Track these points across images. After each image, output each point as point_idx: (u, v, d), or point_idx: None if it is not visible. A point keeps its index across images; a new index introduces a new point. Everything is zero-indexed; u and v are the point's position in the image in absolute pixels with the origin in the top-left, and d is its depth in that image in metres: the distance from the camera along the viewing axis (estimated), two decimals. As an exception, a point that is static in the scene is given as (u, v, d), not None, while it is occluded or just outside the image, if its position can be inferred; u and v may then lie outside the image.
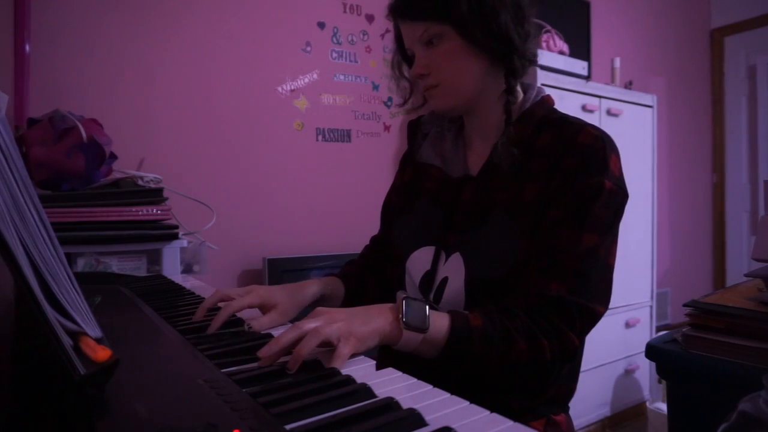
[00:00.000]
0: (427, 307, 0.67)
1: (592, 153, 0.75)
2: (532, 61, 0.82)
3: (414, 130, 0.99)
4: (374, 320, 0.64)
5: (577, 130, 0.77)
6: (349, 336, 0.60)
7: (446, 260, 0.82)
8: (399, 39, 0.86)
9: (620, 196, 0.76)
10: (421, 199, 0.91)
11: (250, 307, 0.78)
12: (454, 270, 0.81)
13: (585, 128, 0.77)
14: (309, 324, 0.59)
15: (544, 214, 0.75)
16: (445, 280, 0.82)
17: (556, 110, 0.85)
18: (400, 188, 0.99)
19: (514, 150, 0.78)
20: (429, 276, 0.84)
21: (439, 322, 0.67)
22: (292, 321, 0.75)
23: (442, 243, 0.84)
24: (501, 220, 0.78)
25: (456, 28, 0.77)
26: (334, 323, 0.60)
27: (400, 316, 0.65)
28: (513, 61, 0.79)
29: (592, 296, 0.72)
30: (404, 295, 0.72)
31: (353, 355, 0.61)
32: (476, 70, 0.80)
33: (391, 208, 1.01)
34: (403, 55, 0.89)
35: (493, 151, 0.82)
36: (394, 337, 0.65)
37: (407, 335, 0.65)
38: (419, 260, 0.86)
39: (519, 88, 0.85)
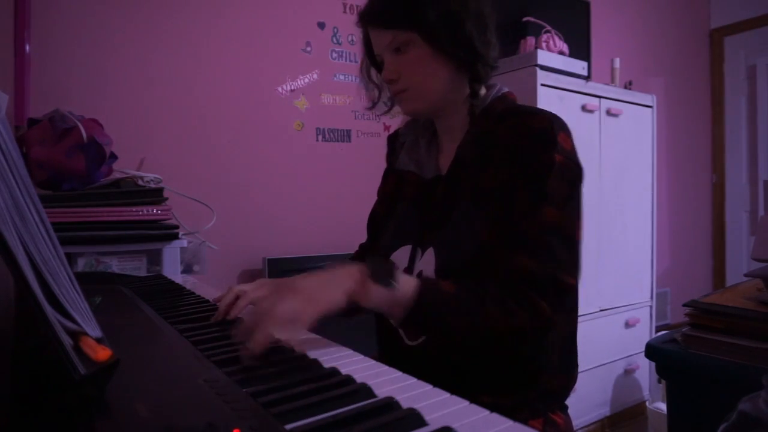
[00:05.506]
0: (395, 266, 0.69)
1: (539, 133, 0.78)
2: (495, 67, 0.86)
3: (393, 143, 1.04)
4: (338, 279, 0.66)
5: (527, 117, 0.80)
6: (310, 301, 0.62)
7: (422, 256, 0.85)
8: (368, 45, 0.90)
9: (573, 169, 0.78)
10: (401, 204, 0.95)
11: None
12: (427, 263, 0.84)
13: (534, 113, 0.80)
14: (265, 304, 0.62)
15: (506, 198, 0.78)
16: (419, 273, 0.85)
17: (516, 105, 0.88)
18: (383, 199, 1.03)
19: (476, 148, 0.82)
20: (406, 272, 0.86)
21: (408, 282, 0.69)
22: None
23: (419, 241, 0.87)
24: (465, 209, 0.81)
25: (423, 36, 0.80)
26: (291, 296, 0.62)
27: (367, 271, 0.67)
28: (477, 67, 0.83)
29: (559, 267, 0.73)
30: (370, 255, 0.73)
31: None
32: (443, 76, 0.83)
33: (376, 217, 1.05)
34: (372, 61, 0.93)
35: (458, 150, 0.85)
36: (361, 294, 0.66)
37: (375, 291, 0.66)
38: (398, 260, 0.89)
39: (483, 90, 0.88)
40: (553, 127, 0.78)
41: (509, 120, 0.82)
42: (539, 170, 0.76)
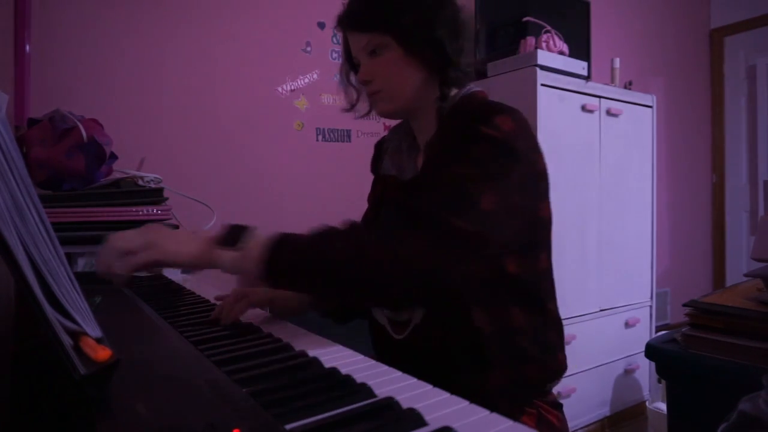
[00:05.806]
0: (250, 228, 0.70)
1: (479, 112, 0.79)
2: (467, 73, 0.87)
3: (379, 150, 1.06)
4: (188, 241, 0.70)
5: (478, 106, 0.82)
6: (151, 247, 0.67)
7: None
8: (346, 48, 0.92)
9: (504, 146, 0.76)
10: (385, 208, 0.97)
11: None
12: None
13: (486, 104, 0.82)
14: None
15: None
16: None
17: (485, 102, 0.87)
18: (372, 205, 1.05)
19: (441, 145, 0.83)
20: None
21: (260, 238, 0.69)
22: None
23: None
24: None
25: (397, 39, 0.83)
26: (147, 249, 0.67)
27: (215, 236, 0.70)
28: (447, 71, 0.84)
29: (447, 209, 0.69)
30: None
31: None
32: (415, 78, 0.85)
33: (366, 221, 1.06)
34: (350, 64, 0.95)
35: (425, 149, 0.87)
36: (210, 258, 0.69)
37: (223, 254, 0.68)
38: None
39: (454, 92, 0.89)
40: (493, 111, 0.78)
41: (473, 114, 0.83)
42: (464, 139, 0.77)
